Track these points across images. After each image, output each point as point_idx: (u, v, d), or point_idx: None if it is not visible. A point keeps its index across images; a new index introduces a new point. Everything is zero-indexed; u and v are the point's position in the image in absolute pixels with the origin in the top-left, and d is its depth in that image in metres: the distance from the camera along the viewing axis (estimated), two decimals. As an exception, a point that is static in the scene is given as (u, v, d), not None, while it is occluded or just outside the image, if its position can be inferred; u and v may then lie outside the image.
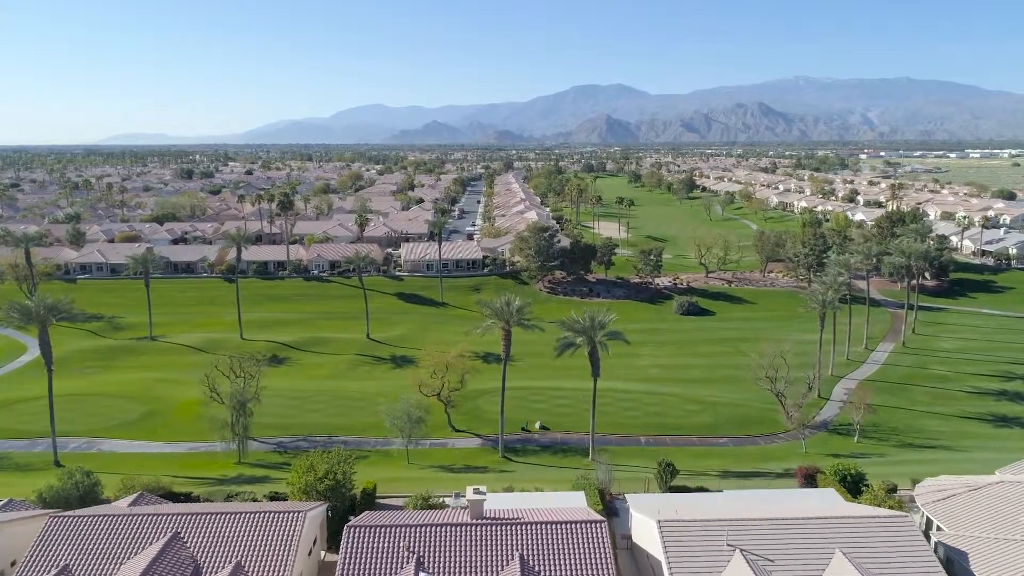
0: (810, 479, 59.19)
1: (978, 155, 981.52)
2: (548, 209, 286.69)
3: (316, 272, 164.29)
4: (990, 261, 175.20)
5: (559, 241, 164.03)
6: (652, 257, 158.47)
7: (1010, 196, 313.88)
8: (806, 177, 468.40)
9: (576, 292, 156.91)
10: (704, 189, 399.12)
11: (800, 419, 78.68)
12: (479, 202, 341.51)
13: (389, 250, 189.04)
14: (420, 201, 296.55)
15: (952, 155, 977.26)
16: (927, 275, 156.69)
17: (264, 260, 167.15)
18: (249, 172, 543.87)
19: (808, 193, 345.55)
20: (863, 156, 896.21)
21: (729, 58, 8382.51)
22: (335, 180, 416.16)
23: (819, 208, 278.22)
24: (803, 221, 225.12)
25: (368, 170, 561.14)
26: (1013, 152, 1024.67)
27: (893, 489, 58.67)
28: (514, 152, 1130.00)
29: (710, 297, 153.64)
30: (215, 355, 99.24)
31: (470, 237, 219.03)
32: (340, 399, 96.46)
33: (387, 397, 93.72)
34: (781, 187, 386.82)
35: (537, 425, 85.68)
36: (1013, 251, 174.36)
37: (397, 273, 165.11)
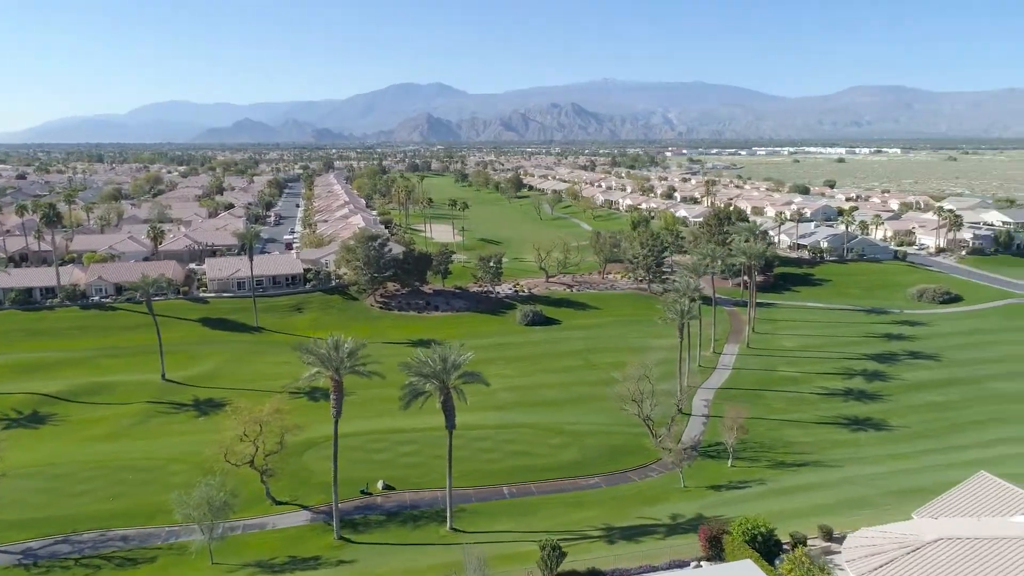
0: (715, 542, 50.29)
1: (764, 152, 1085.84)
2: (375, 212, 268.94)
3: (98, 298, 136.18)
4: (806, 254, 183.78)
5: (390, 250, 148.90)
6: (492, 264, 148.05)
7: (805, 191, 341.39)
8: (624, 174, 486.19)
9: (413, 306, 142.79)
10: (531, 188, 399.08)
11: (678, 454, 70.75)
12: (298, 206, 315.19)
13: (192, 266, 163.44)
14: (230, 207, 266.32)
15: (743, 152, 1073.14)
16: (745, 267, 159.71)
17: (27, 286, 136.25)
18: (22, 176, 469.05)
19: (629, 191, 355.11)
20: (668, 154, 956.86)
21: (542, 59, 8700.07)
22: (128, 184, 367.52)
23: (643, 206, 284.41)
24: (632, 220, 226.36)
25: (170, 172, 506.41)
26: (791, 150, 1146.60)
27: (803, 540, 51.33)
28: (334, 151, 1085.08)
29: (553, 304, 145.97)
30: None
31: (289, 247, 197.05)
32: (121, 471, 75.55)
33: (186, 463, 74.96)
34: (604, 185, 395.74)
35: (380, 485, 71.13)
36: (824, 244, 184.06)
37: (201, 294, 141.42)
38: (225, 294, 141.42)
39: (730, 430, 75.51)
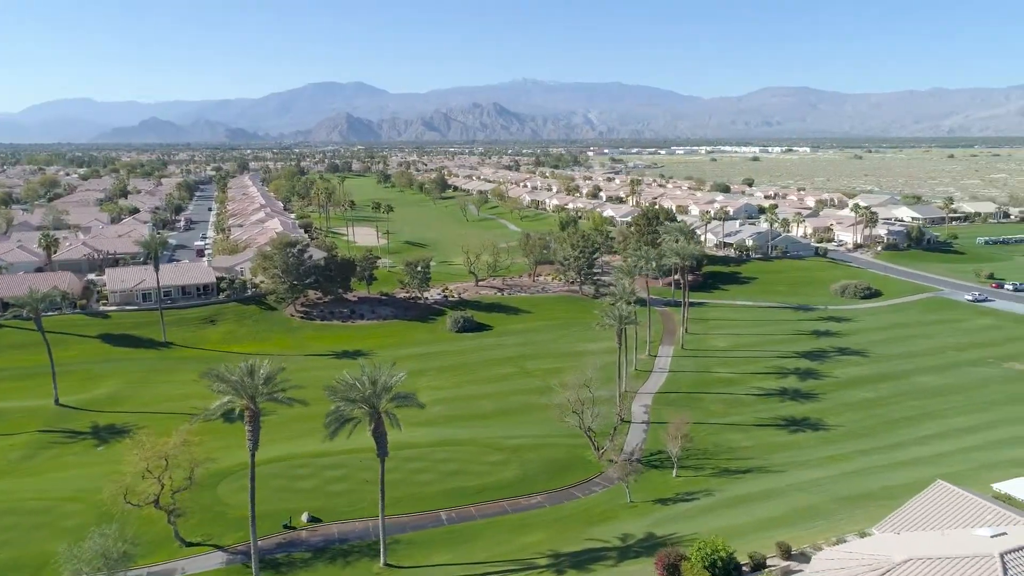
0: (673, 569, 46.92)
1: (682, 152, 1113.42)
2: (293, 216, 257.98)
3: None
4: (732, 253, 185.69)
5: (310, 256, 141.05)
6: (420, 269, 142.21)
7: (726, 189, 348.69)
8: (549, 174, 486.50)
9: (336, 315, 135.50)
10: (456, 188, 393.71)
11: (623, 468, 67.45)
12: (211, 209, 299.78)
13: (91, 277, 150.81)
14: (135, 211, 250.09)
15: (662, 152, 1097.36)
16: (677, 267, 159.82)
17: None
18: None
19: (555, 191, 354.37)
20: (591, 153, 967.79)
21: (464, 59, 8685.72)
22: (20, 187, 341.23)
23: (570, 206, 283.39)
24: (560, 220, 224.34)
25: (68, 174, 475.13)
26: (709, 149, 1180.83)
27: (762, 563, 48.64)
28: (249, 152, 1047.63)
29: (484, 309, 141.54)
30: None
31: (200, 254, 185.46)
32: (6, 514, 66.46)
33: (82, 503, 66.83)
34: (530, 185, 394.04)
35: (304, 517, 64.83)
36: (750, 243, 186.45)
37: (102, 308, 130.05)
38: (128, 307, 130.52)
39: (674, 440, 72.82)
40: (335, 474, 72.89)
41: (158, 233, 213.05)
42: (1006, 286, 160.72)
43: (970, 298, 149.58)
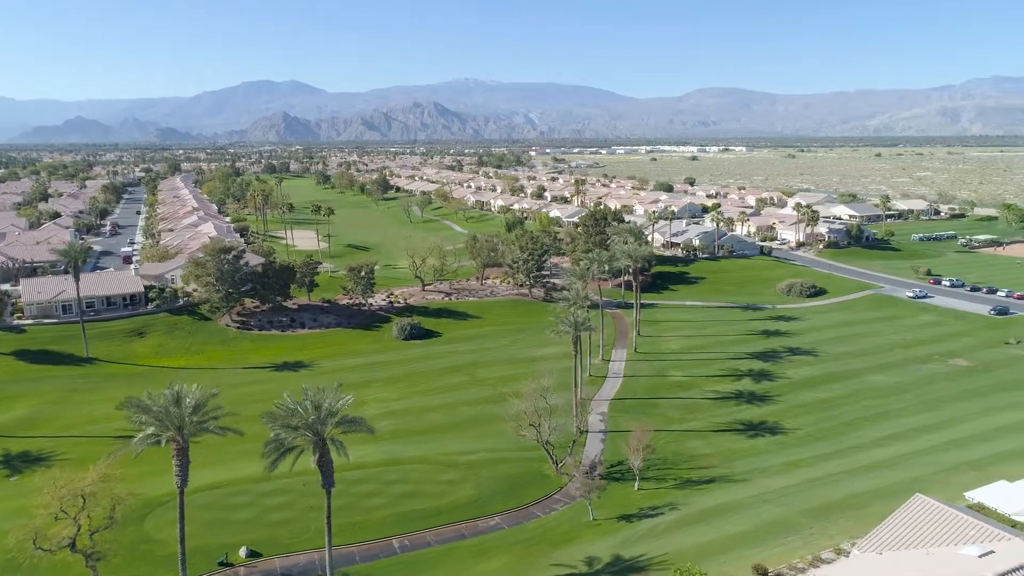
0: (648, 601, 43.76)
1: (623, 151, 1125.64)
2: (228, 219, 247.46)
3: None
4: (679, 252, 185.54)
5: (247, 262, 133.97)
6: (363, 275, 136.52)
7: (669, 188, 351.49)
8: (492, 174, 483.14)
9: (275, 324, 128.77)
10: (399, 189, 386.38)
11: (585, 485, 64.21)
12: (139, 213, 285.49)
13: (6, 288, 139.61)
14: (56, 216, 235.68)
15: (603, 151, 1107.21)
16: (628, 269, 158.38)
17: None
18: None
19: (500, 191, 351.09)
20: (533, 153, 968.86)
21: (403, 58, 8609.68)
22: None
23: (515, 206, 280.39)
24: (506, 222, 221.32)
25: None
26: (648, 149, 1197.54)
27: (741, 588, 45.93)
28: (181, 152, 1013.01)
29: (432, 315, 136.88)
30: None
31: (127, 261, 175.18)
32: None
33: (-13, 546, 59.46)
34: (474, 185, 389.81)
35: (243, 552, 59.41)
36: (696, 242, 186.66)
37: (16, 322, 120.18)
38: (47, 320, 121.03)
39: (636, 452, 70.02)
40: (276, 501, 67.46)
41: (81, 239, 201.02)
42: (943, 282, 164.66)
43: (911, 295, 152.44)
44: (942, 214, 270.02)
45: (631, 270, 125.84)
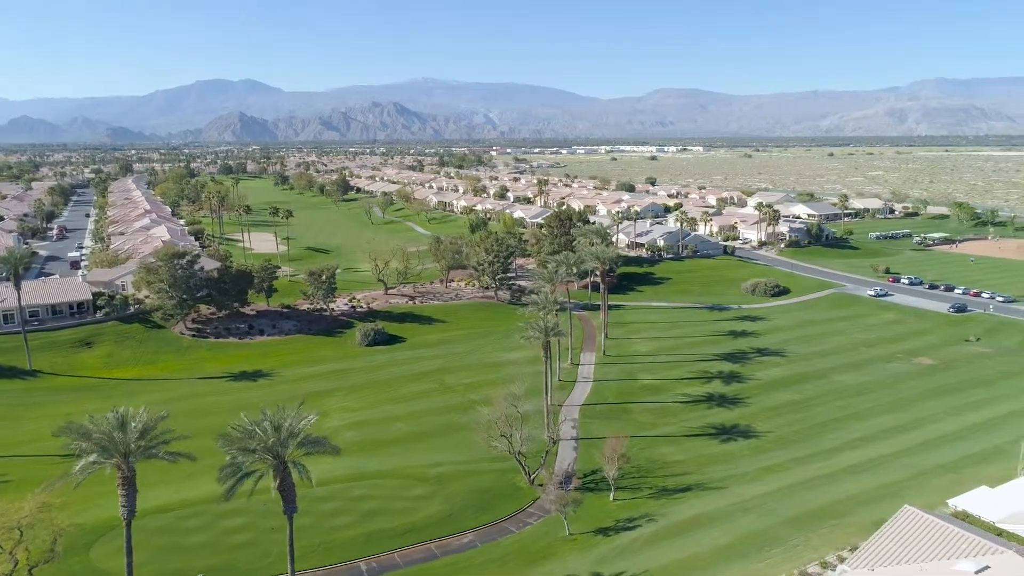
0: (634, 626, 41.67)
1: (583, 151, 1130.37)
2: (183, 222, 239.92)
3: None
4: (644, 253, 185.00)
5: (202, 267, 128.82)
6: (324, 279, 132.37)
7: (631, 188, 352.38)
8: (454, 174, 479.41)
9: (232, 332, 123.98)
10: (359, 190, 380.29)
11: (560, 499, 61.99)
12: (88, 216, 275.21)
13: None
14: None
15: (564, 151, 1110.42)
16: (596, 271, 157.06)
17: None
18: None
19: (462, 191, 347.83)
20: (494, 153, 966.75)
21: (361, 58, 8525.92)
22: None
23: (478, 207, 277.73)
24: (470, 223, 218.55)
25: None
26: (608, 148, 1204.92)
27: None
28: (133, 153, 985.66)
29: (396, 320, 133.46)
30: None
31: (75, 266, 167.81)
32: None
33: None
34: (436, 186, 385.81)
35: (199, 581, 55.75)
36: (661, 242, 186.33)
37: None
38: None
39: (611, 461, 68.08)
40: (234, 523, 63.71)
41: (25, 244, 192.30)
42: (902, 280, 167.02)
43: (872, 293, 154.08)
44: (896, 213, 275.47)
45: (598, 272, 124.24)
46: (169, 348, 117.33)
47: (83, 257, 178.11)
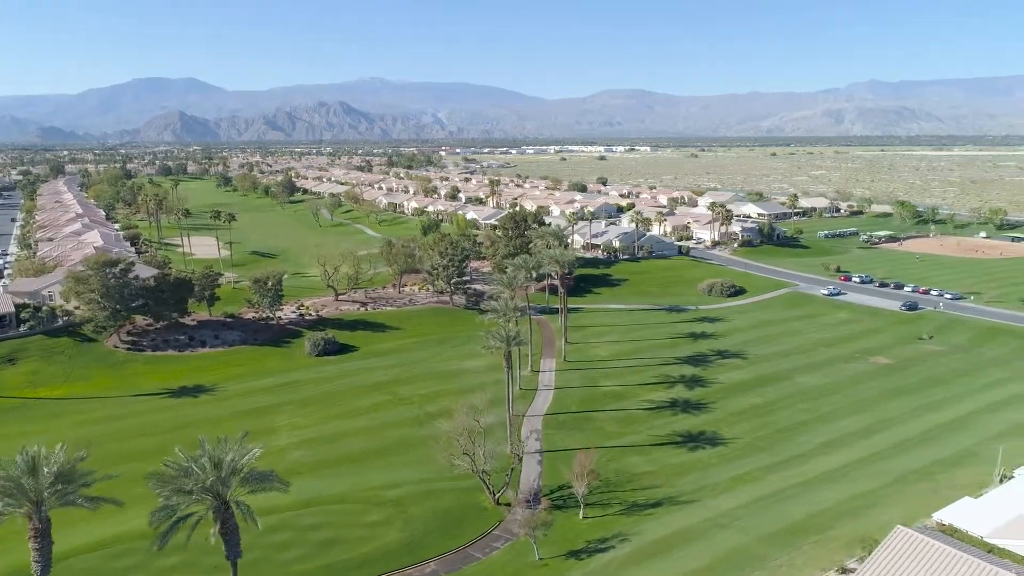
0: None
1: (532, 151, 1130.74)
2: (118, 226, 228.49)
3: None
4: (600, 254, 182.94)
5: (137, 276, 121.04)
6: (270, 286, 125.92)
7: (583, 188, 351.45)
8: (404, 175, 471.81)
9: (172, 344, 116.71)
10: (306, 191, 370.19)
11: (530, 523, 58.25)
12: (15, 221, 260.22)
13: None
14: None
15: (513, 151, 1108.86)
16: (554, 274, 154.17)
17: None
18: None
19: (413, 192, 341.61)
20: (443, 153, 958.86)
21: (306, 56, 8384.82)
22: None
23: (430, 208, 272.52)
24: (422, 225, 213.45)
25: None
26: (557, 148, 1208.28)
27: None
28: (66, 153, 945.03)
29: (347, 327, 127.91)
30: None
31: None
32: None
33: None
34: (385, 187, 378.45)
35: (132, 631, 50.11)
36: (617, 243, 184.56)
37: None
38: None
39: (580, 478, 64.69)
40: (173, 561, 57.91)
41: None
42: (854, 279, 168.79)
43: (825, 292, 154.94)
44: (842, 211, 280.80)
45: (557, 275, 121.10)
46: (101, 363, 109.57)
47: (6, 265, 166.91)
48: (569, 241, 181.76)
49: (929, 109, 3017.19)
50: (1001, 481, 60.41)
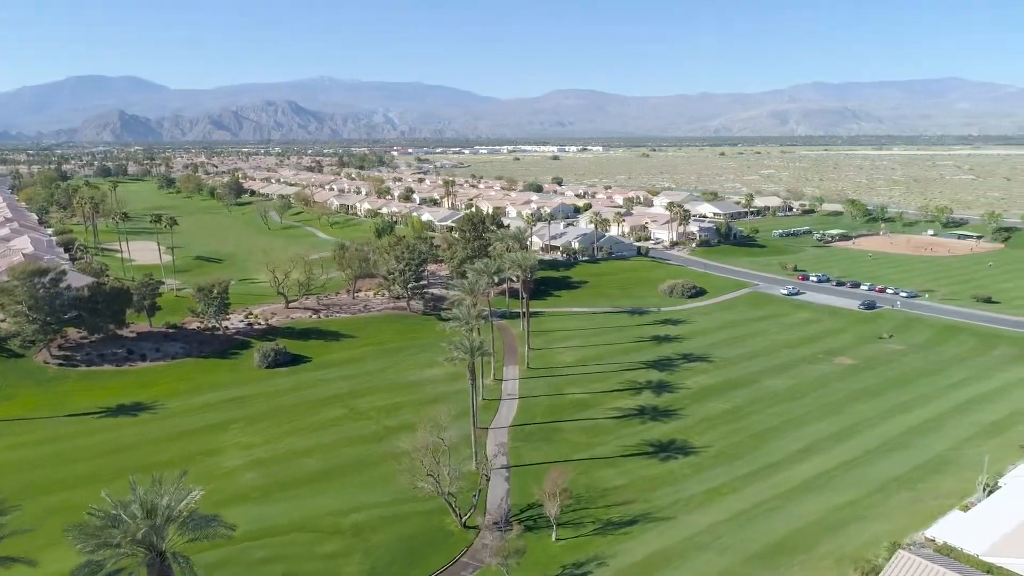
0: None
1: (486, 151, 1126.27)
2: (51, 231, 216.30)
3: None
4: (559, 256, 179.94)
5: (69, 285, 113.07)
6: (216, 294, 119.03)
7: (538, 188, 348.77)
8: (356, 175, 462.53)
9: (108, 358, 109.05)
10: (254, 193, 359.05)
11: (500, 551, 54.24)
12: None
13: None
14: None
15: (466, 151, 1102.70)
16: (515, 278, 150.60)
17: None
18: None
19: (365, 194, 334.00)
20: (395, 153, 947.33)
21: (254, 54, 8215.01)
22: None
23: (384, 210, 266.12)
24: (375, 227, 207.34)
25: None
26: (511, 148, 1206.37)
27: None
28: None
29: (299, 336, 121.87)
30: None
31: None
32: None
33: None
34: (337, 188, 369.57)
35: None
36: (576, 245, 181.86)
37: None
38: None
39: (552, 498, 60.97)
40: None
41: None
42: (811, 278, 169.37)
43: (785, 292, 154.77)
44: (795, 210, 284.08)
45: (519, 279, 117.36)
46: (30, 380, 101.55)
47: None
48: (528, 243, 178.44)
49: (869, 110, 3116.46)
50: (985, 490, 58.85)
